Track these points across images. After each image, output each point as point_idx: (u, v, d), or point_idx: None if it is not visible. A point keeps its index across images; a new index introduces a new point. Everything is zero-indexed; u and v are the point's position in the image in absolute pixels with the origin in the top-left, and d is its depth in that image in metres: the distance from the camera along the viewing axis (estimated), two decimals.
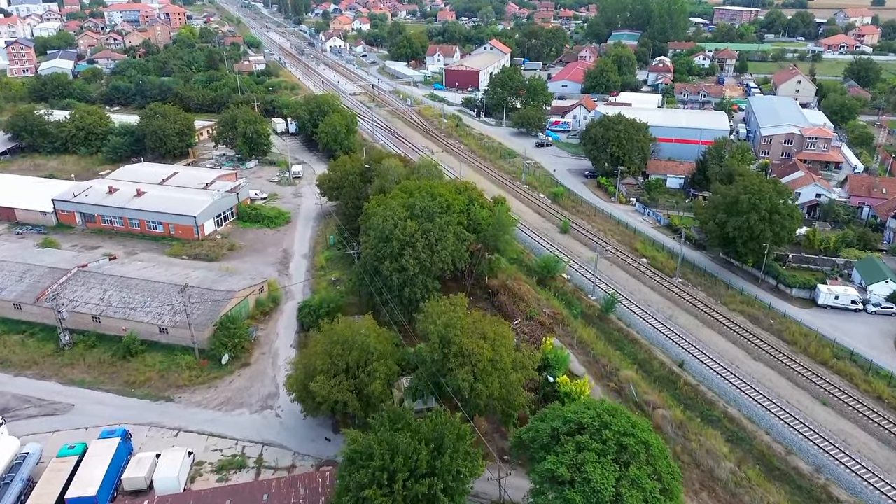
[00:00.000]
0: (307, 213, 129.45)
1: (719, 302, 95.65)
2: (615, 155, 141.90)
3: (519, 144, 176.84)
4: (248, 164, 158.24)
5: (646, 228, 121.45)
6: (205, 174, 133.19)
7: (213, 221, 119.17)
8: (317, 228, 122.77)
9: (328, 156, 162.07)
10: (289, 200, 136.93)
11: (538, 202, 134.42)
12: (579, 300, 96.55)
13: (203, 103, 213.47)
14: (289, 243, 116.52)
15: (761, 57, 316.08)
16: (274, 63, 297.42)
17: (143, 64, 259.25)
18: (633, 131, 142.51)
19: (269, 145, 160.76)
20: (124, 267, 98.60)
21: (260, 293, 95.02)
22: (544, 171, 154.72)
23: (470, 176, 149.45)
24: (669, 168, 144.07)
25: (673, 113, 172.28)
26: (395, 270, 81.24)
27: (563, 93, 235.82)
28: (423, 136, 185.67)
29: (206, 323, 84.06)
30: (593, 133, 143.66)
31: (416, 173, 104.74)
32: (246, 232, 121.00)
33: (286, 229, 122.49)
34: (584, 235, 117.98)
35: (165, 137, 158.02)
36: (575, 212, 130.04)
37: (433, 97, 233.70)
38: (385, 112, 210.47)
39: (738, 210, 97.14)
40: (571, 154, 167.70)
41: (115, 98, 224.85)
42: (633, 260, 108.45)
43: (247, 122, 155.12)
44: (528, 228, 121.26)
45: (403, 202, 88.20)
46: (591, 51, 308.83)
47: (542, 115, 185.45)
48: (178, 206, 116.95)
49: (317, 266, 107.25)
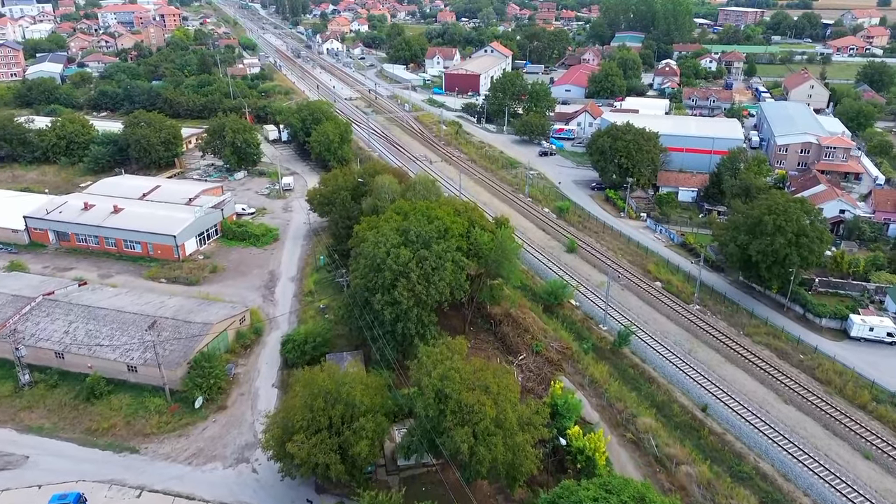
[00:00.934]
0: (297, 230, 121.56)
1: (742, 333, 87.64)
2: (624, 167, 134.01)
3: (521, 153, 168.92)
4: (237, 176, 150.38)
5: (658, 247, 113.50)
6: (188, 188, 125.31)
7: (195, 240, 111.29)
8: (306, 247, 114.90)
9: (321, 165, 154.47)
10: (278, 215, 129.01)
11: (543, 217, 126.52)
12: (590, 331, 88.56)
13: (193, 109, 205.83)
14: (276, 264, 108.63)
15: (769, 59, 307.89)
16: (269, 66, 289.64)
17: (133, 68, 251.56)
18: (642, 141, 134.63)
19: (258, 155, 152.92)
20: (94, 294, 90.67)
21: (241, 324, 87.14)
22: (548, 183, 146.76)
23: (470, 188, 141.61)
24: (681, 180, 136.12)
25: (683, 121, 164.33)
26: (387, 304, 73.32)
27: (566, 97, 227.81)
28: (421, 144, 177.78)
29: (178, 361, 76.17)
30: (600, 143, 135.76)
31: (412, 190, 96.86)
32: (230, 251, 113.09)
33: (274, 248, 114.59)
34: (593, 256, 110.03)
35: (150, 147, 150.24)
36: (582, 228, 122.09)
37: (432, 102, 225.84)
38: (382, 118, 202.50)
39: (762, 232, 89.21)
40: (576, 164, 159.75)
41: (102, 104, 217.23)
42: (647, 284, 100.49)
43: (235, 131, 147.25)
44: (532, 247, 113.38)
45: (397, 226, 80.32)
46: (594, 53, 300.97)
47: (546, 122, 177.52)
48: (157, 224, 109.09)
49: (304, 290, 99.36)
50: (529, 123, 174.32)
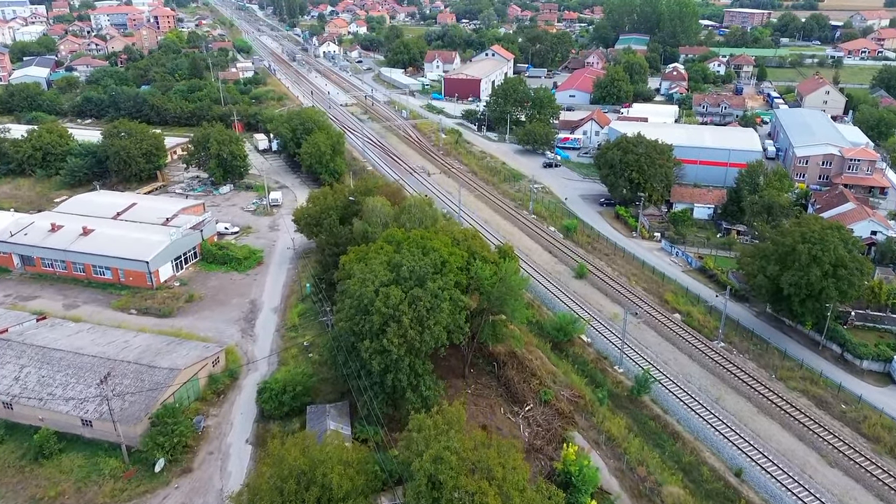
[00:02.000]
0: (283, 252, 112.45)
1: (774, 376, 78.49)
2: (635, 181, 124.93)
3: (524, 164, 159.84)
4: (222, 190, 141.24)
5: (675, 272, 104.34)
6: (166, 206, 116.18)
7: (170, 265, 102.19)
8: (292, 272, 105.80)
9: (313, 178, 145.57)
10: (263, 235, 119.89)
11: (548, 237, 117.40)
12: (604, 373, 79.42)
13: (181, 116, 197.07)
14: (258, 292, 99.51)
15: (778, 63, 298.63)
16: (263, 70, 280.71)
17: (121, 72, 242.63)
18: (655, 155, 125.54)
19: (245, 168, 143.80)
20: (52, 332, 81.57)
21: (214, 366, 78.04)
22: (554, 198, 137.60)
23: (470, 203, 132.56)
24: (696, 196, 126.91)
25: (696, 130, 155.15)
26: (375, 352, 64.23)
27: (570, 103, 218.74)
28: (419, 154, 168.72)
29: (138, 416, 67.09)
30: (610, 157, 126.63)
31: (406, 213, 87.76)
32: (210, 277, 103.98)
33: (257, 273, 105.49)
34: (604, 282, 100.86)
35: (130, 159, 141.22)
36: (591, 250, 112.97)
37: (431, 108, 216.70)
38: (378, 126, 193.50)
39: (795, 262, 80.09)
40: (583, 176, 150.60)
41: (87, 110, 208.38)
42: (665, 316, 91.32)
43: (220, 143, 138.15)
44: (537, 272, 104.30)
45: (388, 259, 71.33)
46: (598, 56, 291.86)
47: (550, 130, 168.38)
48: (128, 248, 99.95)
49: (288, 324, 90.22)
50: (533, 133, 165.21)
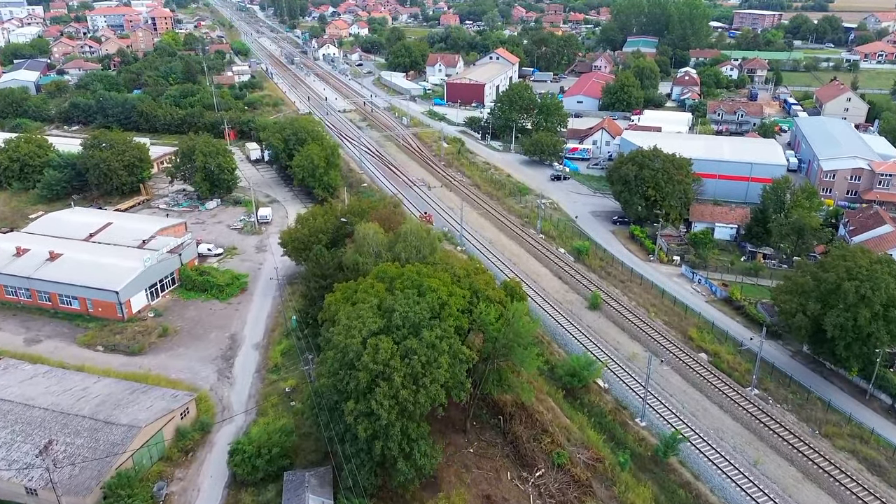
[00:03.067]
0: (269, 277, 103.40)
1: (818, 433, 69.20)
2: (651, 199, 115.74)
3: (531, 177, 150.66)
4: (209, 205, 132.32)
5: (698, 303, 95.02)
6: (143, 226, 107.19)
7: (144, 294, 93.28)
8: (278, 300, 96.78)
9: (306, 192, 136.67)
10: (250, 256, 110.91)
11: (558, 260, 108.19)
12: (624, 428, 70.18)
13: (171, 123, 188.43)
14: (239, 324, 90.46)
15: (792, 66, 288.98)
16: (260, 73, 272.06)
17: (112, 76, 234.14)
18: (673, 170, 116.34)
19: (234, 181, 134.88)
20: (4, 377, 72.65)
21: (182, 418, 69.04)
22: (563, 215, 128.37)
23: (473, 221, 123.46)
24: (718, 215, 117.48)
25: (714, 142, 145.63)
26: (361, 415, 55.23)
27: (578, 109, 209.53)
28: (419, 164, 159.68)
29: (89, 485, 58.10)
30: (624, 172, 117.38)
31: (402, 242, 78.61)
32: (188, 306, 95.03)
33: (240, 301, 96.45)
34: (621, 315, 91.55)
35: (111, 172, 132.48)
36: (605, 275, 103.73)
37: (432, 115, 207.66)
38: (378, 134, 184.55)
39: (841, 302, 70.82)
40: (594, 190, 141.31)
41: (74, 117, 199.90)
42: (690, 355, 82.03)
43: (206, 155, 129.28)
44: (547, 301, 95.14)
45: (378, 301, 62.29)
46: (606, 60, 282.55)
47: (558, 140, 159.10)
48: (97, 275, 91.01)
49: (270, 364, 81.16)
50: (540, 143, 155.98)
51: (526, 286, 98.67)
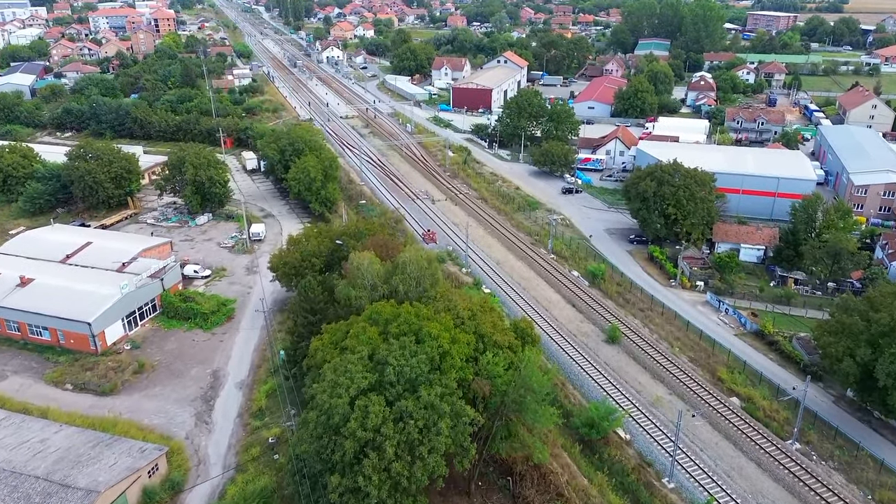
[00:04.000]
0: (259, 303, 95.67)
1: (871, 498, 60.79)
2: (671, 217, 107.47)
3: (541, 189, 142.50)
4: (199, 220, 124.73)
5: (726, 336, 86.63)
6: (125, 247, 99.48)
7: (121, 324, 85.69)
8: (267, 329, 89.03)
9: (303, 206, 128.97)
10: (238, 279, 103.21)
11: (571, 284, 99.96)
12: (650, 490, 61.88)
13: (166, 130, 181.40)
14: (223, 358, 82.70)
15: (811, 70, 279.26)
16: (261, 76, 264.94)
17: (108, 80, 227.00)
18: (694, 186, 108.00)
19: (226, 195, 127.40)
20: None
21: (151, 476, 61.30)
22: (575, 233, 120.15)
23: (479, 239, 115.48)
24: (743, 235, 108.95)
25: (736, 154, 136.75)
26: (347, 493, 47.42)
27: (589, 116, 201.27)
28: (423, 175, 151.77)
29: None
30: (642, 188, 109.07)
31: (400, 274, 70.65)
32: (168, 337, 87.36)
33: (225, 331, 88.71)
34: (641, 350, 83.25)
35: (97, 185, 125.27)
36: (623, 302, 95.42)
37: (438, 121, 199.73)
38: (380, 142, 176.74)
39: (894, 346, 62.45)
40: (608, 205, 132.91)
41: (67, 123, 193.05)
42: (721, 400, 73.63)
43: (197, 167, 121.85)
44: (560, 333, 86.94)
45: (370, 349, 54.48)
46: (617, 63, 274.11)
47: (569, 150, 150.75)
48: (69, 304, 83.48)
49: (254, 408, 73.35)
50: (550, 153, 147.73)
51: (537, 315, 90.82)
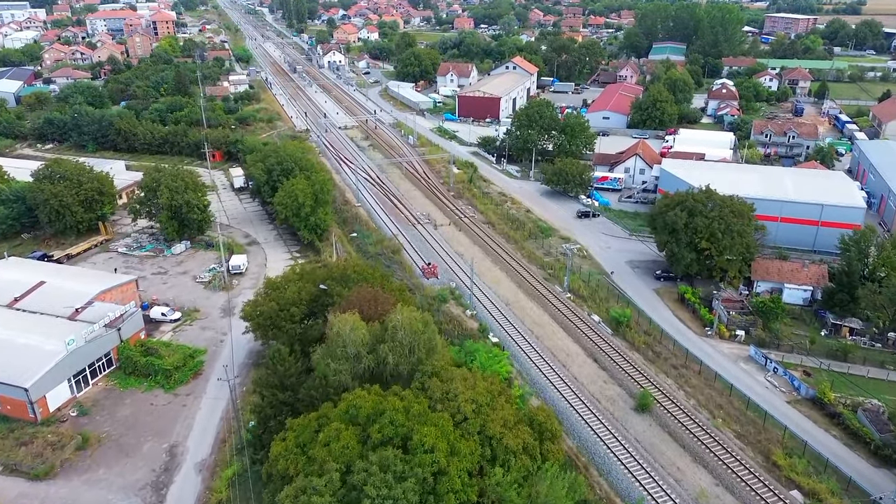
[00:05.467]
0: (218, 378, 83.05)
1: None
2: (704, 252, 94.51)
3: (554, 213, 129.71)
4: (176, 249, 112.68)
5: (777, 404, 73.61)
6: (81, 287, 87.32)
7: (67, 386, 73.58)
8: (238, 390, 76.65)
9: (291, 232, 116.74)
10: (212, 323, 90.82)
11: (592, 333, 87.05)
12: None
13: (151, 143, 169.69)
14: (184, 429, 70.34)
15: (836, 76, 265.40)
16: (259, 82, 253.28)
17: (96, 88, 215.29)
18: (731, 217, 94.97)
19: (206, 221, 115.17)
20: None
21: None
22: (594, 265, 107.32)
23: (486, 272, 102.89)
24: (786, 273, 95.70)
25: (773, 176, 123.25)
26: None
27: (604, 126, 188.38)
28: (425, 195, 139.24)
29: None
30: (671, 219, 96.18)
31: (390, 342, 58.17)
32: (123, 399, 75.10)
33: (190, 392, 76.37)
34: (678, 421, 70.31)
35: (64, 209, 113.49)
36: (652, 356, 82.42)
37: (442, 133, 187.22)
38: (380, 157, 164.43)
39: None
40: (629, 233, 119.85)
41: (48, 133, 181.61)
42: (779, 497, 60.64)
43: (173, 190, 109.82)
44: (580, 398, 74.08)
45: (344, 465, 42.00)
46: (632, 68, 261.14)
47: (585, 169, 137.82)
48: (6, 364, 71.36)
49: (212, 500, 60.83)
50: (564, 172, 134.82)
51: (553, 373, 78.09)
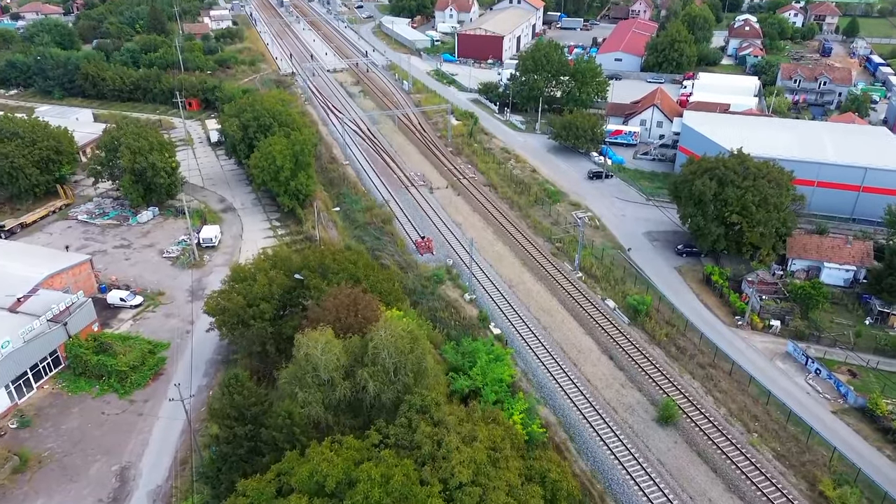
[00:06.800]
0: (200, 348, 73.35)
1: None
2: (736, 226, 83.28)
3: (563, 173, 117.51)
4: (142, 217, 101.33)
5: (821, 414, 64.08)
6: (26, 270, 76.56)
7: (5, 392, 63.96)
8: (206, 390, 67.10)
9: (272, 196, 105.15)
10: (178, 309, 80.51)
11: (606, 322, 76.77)
12: None
13: (122, 90, 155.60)
14: (138, 446, 61.01)
15: (865, 11, 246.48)
16: (242, 19, 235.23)
17: (63, 26, 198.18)
18: (767, 188, 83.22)
19: (175, 185, 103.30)
20: None
21: None
22: (608, 237, 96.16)
23: (487, 246, 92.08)
24: (826, 250, 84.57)
25: (810, 133, 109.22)
26: None
27: (616, 69, 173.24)
28: (420, 152, 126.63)
29: None
30: (697, 189, 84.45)
31: (370, 364, 47.96)
32: (71, 407, 65.55)
33: (148, 398, 66.75)
34: (707, 440, 60.79)
35: (16, 171, 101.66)
36: (675, 352, 72.31)
37: (440, 77, 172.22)
38: (372, 105, 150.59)
39: None
40: (647, 196, 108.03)
41: (11, 79, 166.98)
42: None
43: (136, 151, 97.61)
44: (593, 406, 64.41)
45: None
46: (645, 2, 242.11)
47: (597, 122, 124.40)
48: None
49: None
50: (573, 125, 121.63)
51: (563, 374, 68.34)
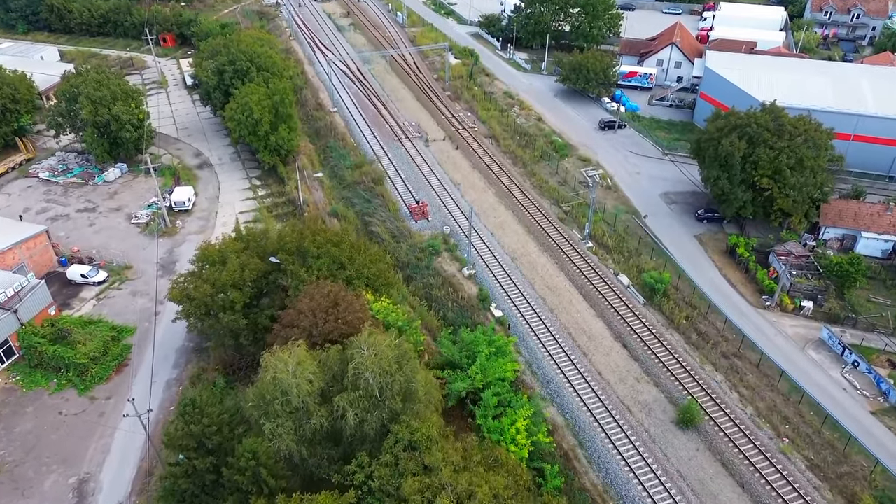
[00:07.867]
0: (168, 335, 66.14)
1: None
2: (766, 192, 74.65)
3: (571, 121, 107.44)
4: (109, 175, 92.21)
5: (859, 415, 57.46)
6: None
7: None
8: (175, 385, 60.45)
9: (252, 152, 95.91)
10: (147, 285, 72.87)
11: (619, 303, 69.22)
12: None
13: (90, 24, 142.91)
14: (98, 453, 54.68)
15: None
16: None
17: None
18: (804, 149, 74.02)
19: (143, 138, 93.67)
20: None
21: None
22: (620, 199, 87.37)
23: (488, 210, 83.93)
24: (863, 218, 76.16)
25: (846, 79, 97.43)
26: None
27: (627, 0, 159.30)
28: (415, 97, 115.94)
29: None
30: (724, 149, 75.18)
31: (352, 385, 40.77)
32: (24, 406, 58.90)
33: (110, 394, 59.96)
34: (731, 447, 54.29)
35: None
36: (697, 339, 65.00)
37: (437, 8, 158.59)
38: (363, 41, 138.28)
39: None
40: (663, 150, 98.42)
41: None
42: None
43: (97, 102, 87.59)
44: (604, 406, 57.68)
45: None
46: None
47: (609, 61, 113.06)
48: None
49: None
50: (583, 67, 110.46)
51: (570, 367, 61.44)
